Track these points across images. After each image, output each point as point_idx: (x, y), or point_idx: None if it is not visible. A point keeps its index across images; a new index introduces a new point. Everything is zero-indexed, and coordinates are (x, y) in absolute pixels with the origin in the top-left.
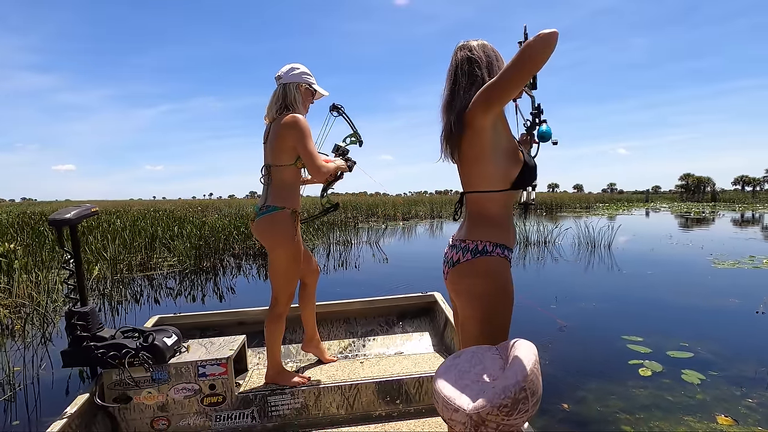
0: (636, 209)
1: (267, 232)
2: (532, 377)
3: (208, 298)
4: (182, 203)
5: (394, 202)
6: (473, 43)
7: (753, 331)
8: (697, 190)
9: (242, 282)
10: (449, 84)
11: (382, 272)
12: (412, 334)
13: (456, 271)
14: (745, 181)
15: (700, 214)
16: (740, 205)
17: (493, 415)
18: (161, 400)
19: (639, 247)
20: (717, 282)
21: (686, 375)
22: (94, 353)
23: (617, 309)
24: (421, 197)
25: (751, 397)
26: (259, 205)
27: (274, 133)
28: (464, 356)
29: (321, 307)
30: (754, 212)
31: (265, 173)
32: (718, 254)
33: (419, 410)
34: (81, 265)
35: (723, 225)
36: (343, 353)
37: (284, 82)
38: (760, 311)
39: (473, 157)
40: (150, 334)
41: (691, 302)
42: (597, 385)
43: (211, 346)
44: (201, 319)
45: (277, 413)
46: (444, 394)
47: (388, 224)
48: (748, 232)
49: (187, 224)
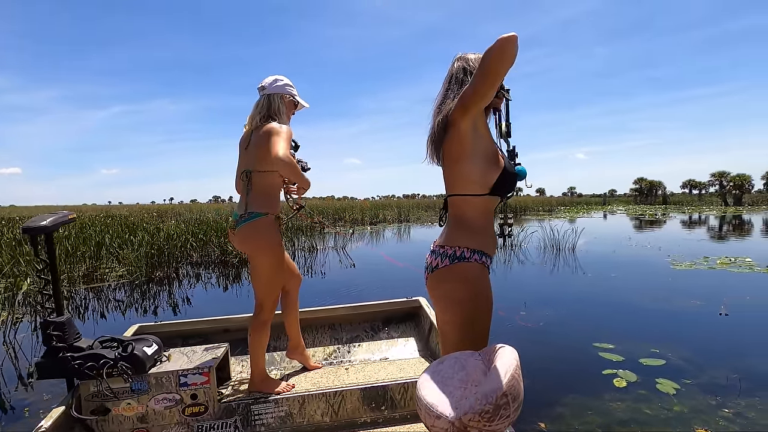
0: (595, 212)
1: (250, 239)
2: (513, 383)
3: (161, 310)
4: (139, 208)
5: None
6: (470, 56)
7: (718, 334)
8: (649, 194)
9: (200, 292)
10: (443, 90)
11: (349, 278)
12: (398, 339)
13: (435, 276)
14: (692, 184)
15: (653, 216)
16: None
17: (475, 421)
18: (141, 411)
19: (601, 249)
20: (678, 284)
21: (661, 384)
22: (70, 364)
23: (586, 314)
24: (389, 201)
25: (727, 407)
26: (239, 212)
27: (259, 140)
28: (447, 362)
29: (305, 314)
30: (701, 214)
31: (245, 179)
32: (674, 255)
33: (404, 416)
34: (57, 273)
35: (675, 226)
36: (328, 360)
37: (268, 93)
38: (722, 313)
39: (454, 157)
40: (129, 343)
41: (657, 306)
42: (573, 400)
43: (194, 355)
44: (183, 327)
45: (260, 422)
46: (426, 401)
47: (356, 229)
48: (697, 233)
49: (139, 231)
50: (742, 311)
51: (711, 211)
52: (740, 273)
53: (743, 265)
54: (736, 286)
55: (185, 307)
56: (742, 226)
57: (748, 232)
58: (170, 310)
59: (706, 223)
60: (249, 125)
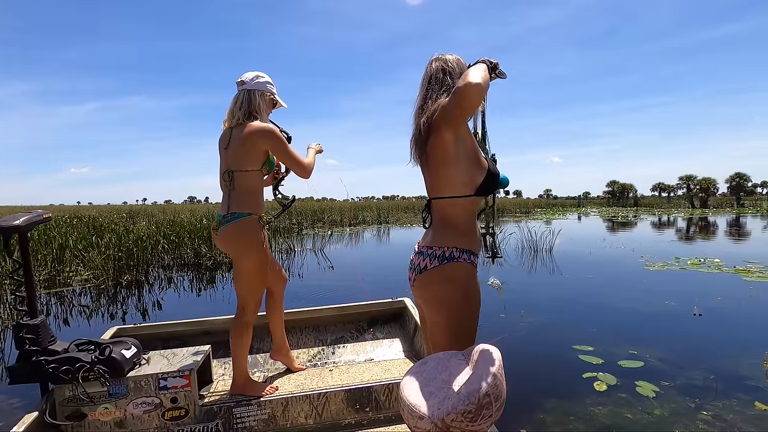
0: (570, 213)
1: (234, 240)
2: (495, 382)
3: (129, 315)
4: (110, 209)
5: (340, 208)
6: (449, 57)
7: (693, 334)
8: (621, 196)
9: (172, 296)
10: (422, 91)
11: (327, 281)
12: (383, 340)
13: (423, 277)
14: (661, 187)
15: (625, 218)
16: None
17: (458, 421)
18: (119, 416)
19: (578, 250)
20: (652, 285)
21: (641, 387)
22: (44, 368)
23: (565, 316)
24: (368, 203)
25: (705, 410)
26: (222, 213)
27: (242, 139)
28: (430, 363)
29: (290, 315)
30: (669, 216)
31: (227, 179)
32: (647, 256)
33: (389, 417)
34: (31, 275)
35: (646, 228)
36: (312, 361)
37: (249, 89)
38: (696, 313)
39: (439, 161)
40: (107, 346)
41: (633, 307)
42: (555, 405)
43: (174, 358)
44: (164, 330)
45: (243, 425)
46: (409, 402)
47: (334, 230)
48: (667, 234)
49: (106, 233)
50: (714, 312)
51: (679, 213)
52: (710, 273)
53: (712, 266)
54: (707, 286)
55: (155, 311)
56: (707, 228)
57: (713, 234)
58: (139, 315)
59: (674, 224)
60: (228, 122)
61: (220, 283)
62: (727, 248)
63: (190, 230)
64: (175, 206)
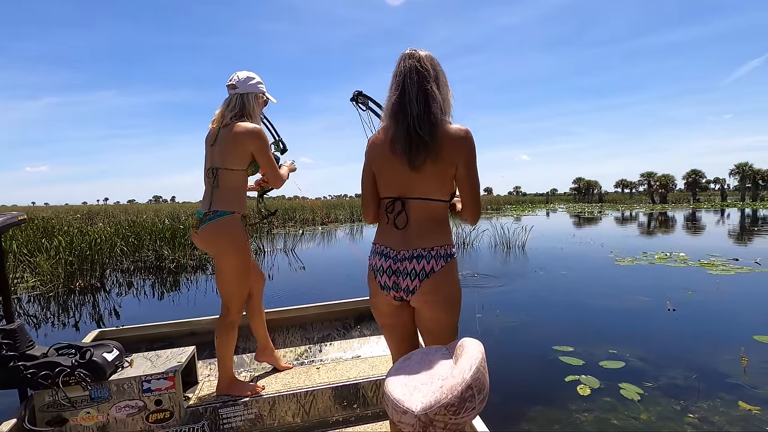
0: (539, 210)
1: (215, 239)
2: (478, 375)
3: (83, 323)
4: (67, 210)
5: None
6: (421, 53)
7: (669, 330)
8: (587, 192)
9: (131, 302)
10: (397, 91)
11: (298, 282)
12: (370, 337)
13: (432, 281)
14: (624, 184)
15: (591, 213)
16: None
17: (441, 415)
18: (101, 420)
19: (550, 246)
20: (624, 280)
21: (625, 390)
22: (23, 373)
23: (542, 314)
24: (341, 200)
25: (692, 412)
26: (203, 210)
27: (230, 137)
28: (414, 357)
29: (276, 314)
30: (632, 211)
31: (211, 176)
32: (616, 251)
33: (377, 413)
34: (6, 278)
35: (611, 223)
36: (299, 360)
37: (242, 92)
38: (670, 308)
39: (439, 173)
40: (87, 349)
41: (608, 303)
42: (539, 412)
43: (158, 360)
44: (147, 332)
45: (229, 425)
46: (393, 397)
47: (306, 229)
48: (632, 229)
49: (57, 235)
50: (686, 306)
51: (641, 208)
52: (677, 268)
53: (678, 260)
54: (676, 280)
55: (112, 319)
56: (668, 222)
57: (673, 228)
58: (94, 323)
59: (637, 219)
60: (217, 123)
61: (184, 286)
62: (689, 242)
63: (151, 231)
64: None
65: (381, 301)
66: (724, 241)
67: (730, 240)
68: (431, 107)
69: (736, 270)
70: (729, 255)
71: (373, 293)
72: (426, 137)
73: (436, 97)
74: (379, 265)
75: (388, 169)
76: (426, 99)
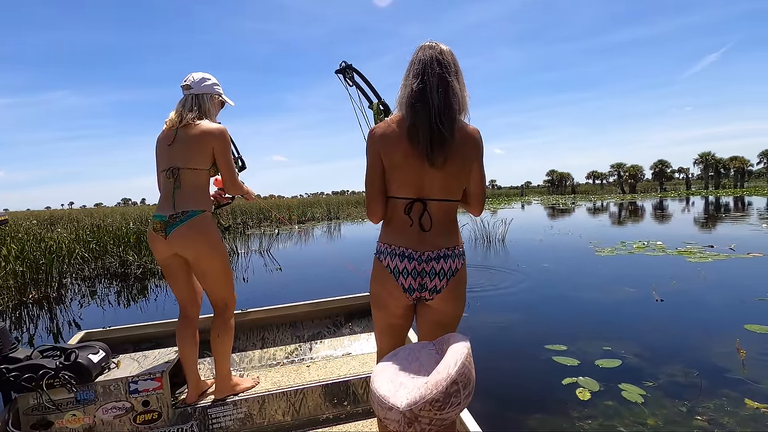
0: (514, 203)
1: (195, 240)
2: (463, 370)
3: (39, 338)
4: (27, 215)
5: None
6: (443, 47)
7: (660, 322)
8: (560, 184)
9: (94, 312)
10: (416, 78)
11: (275, 283)
12: (360, 334)
13: (456, 280)
14: (595, 175)
15: (566, 205)
16: (594, 196)
17: (426, 410)
18: (88, 423)
19: (529, 238)
20: (607, 271)
21: (626, 392)
22: (5, 377)
23: (531, 311)
24: (317, 198)
25: (699, 414)
26: (167, 213)
27: (195, 137)
28: (401, 354)
29: (265, 312)
30: (603, 201)
31: (171, 177)
32: (595, 242)
33: (367, 410)
34: None
35: (585, 214)
36: (289, 358)
37: (197, 93)
38: (657, 299)
39: (457, 172)
40: (72, 351)
41: (595, 296)
42: (539, 421)
43: (145, 360)
44: (134, 332)
45: (218, 425)
46: (379, 393)
47: (281, 229)
48: (606, 219)
49: (7, 243)
50: (673, 296)
51: (612, 198)
52: (656, 256)
53: (657, 249)
54: (658, 269)
55: (72, 330)
56: (638, 211)
57: (644, 217)
58: (51, 337)
59: (608, 209)
60: (175, 122)
61: (152, 292)
62: (663, 230)
63: (115, 236)
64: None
65: (395, 303)
66: (696, 229)
67: (700, 227)
68: (452, 102)
69: (713, 257)
70: (704, 242)
71: (384, 295)
72: (446, 133)
73: (456, 92)
74: (402, 267)
75: (406, 166)
76: (447, 92)
